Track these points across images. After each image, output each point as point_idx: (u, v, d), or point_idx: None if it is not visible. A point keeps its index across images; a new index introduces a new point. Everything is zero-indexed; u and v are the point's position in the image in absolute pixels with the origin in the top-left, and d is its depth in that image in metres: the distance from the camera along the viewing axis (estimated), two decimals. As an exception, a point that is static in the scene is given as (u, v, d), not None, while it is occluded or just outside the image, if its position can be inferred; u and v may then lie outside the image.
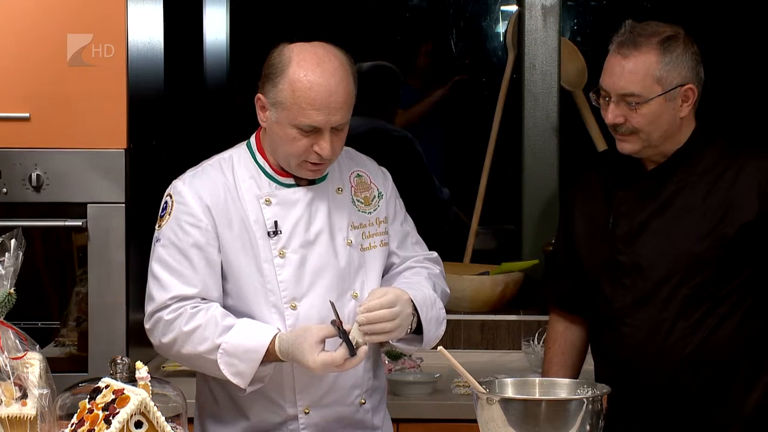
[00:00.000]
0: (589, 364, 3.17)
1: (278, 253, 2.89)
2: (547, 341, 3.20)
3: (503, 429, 2.45)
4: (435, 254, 3.11)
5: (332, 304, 2.74)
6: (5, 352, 2.73)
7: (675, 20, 3.01)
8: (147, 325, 2.93)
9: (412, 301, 2.83)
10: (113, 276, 3.62)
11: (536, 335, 4.00)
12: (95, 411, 2.41)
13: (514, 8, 4.93)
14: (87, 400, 2.47)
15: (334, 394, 2.91)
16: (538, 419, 2.44)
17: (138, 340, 3.77)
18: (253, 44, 5.22)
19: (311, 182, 2.93)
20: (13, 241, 2.75)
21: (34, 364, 2.76)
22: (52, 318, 3.76)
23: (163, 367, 3.91)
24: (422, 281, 2.96)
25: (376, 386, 3.00)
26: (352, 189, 2.98)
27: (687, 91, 2.92)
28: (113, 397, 2.42)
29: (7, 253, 2.74)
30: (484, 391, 2.52)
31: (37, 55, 3.60)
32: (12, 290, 2.75)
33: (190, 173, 2.98)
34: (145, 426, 2.41)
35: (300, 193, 2.91)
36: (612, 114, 2.93)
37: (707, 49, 3.11)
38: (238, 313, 2.89)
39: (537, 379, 2.67)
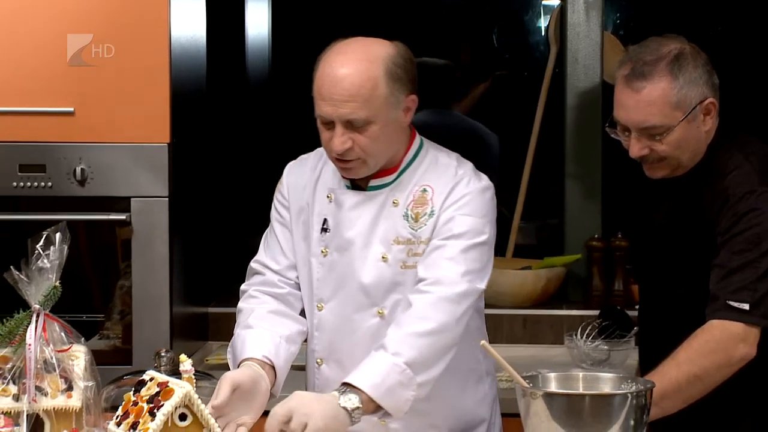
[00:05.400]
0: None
1: (322, 250, 2.88)
2: None
3: (547, 424, 2.43)
4: (440, 276, 2.77)
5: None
6: (51, 345, 2.75)
7: (718, 12, 2.94)
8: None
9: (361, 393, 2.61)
10: (157, 269, 3.64)
11: (579, 330, 3.98)
12: (140, 403, 2.42)
13: (556, 2, 4.91)
14: (132, 393, 2.48)
15: None
16: (581, 414, 2.42)
17: (182, 333, 3.80)
18: (295, 39, 5.23)
19: (371, 187, 2.85)
20: (58, 235, 2.77)
21: (79, 356, 2.78)
22: (96, 311, 3.78)
23: (207, 360, 3.93)
24: (379, 360, 2.66)
25: None
26: (411, 203, 2.83)
27: (707, 105, 2.85)
28: (158, 389, 2.43)
29: (52, 247, 2.76)
30: (528, 385, 2.51)
31: (82, 48, 3.63)
32: (57, 283, 2.76)
33: (302, 156, 3.00)
34: (189, 419, 2.42)
35: (348, 196, 2.86)
36: (636, 148, 2.84)
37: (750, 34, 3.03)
38: (301, 297, 2.93)
39: (581, 374, 2.65)
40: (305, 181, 2.92)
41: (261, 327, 2.83)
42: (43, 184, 3.65)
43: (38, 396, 2.73)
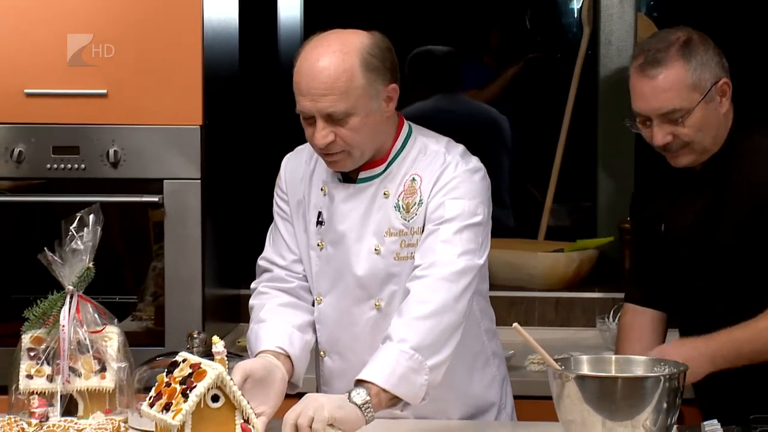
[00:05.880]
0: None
1: (318, 243, 2.87)
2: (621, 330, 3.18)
3: (579, 406, 2.43)
4: (435, 260, 2.73)
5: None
6: (84, 326, 2.76)
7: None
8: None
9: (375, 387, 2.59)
10: (189, 251, 3.65)
11: (611, 313, 3.97)
12: (173, 385, 2.43)
13: (589, -16, 4.88)
14: (164, 374, 2.48)
15: None
16: (614, 397, 2.42)
17: (214, 315, 3.81)
18: (327, 21, 5.21)
19: (361, 179, 2.83)
20: (91, 217, 2.78)
21: (112, 337, 2.79)
22: (129, 293, 3.80)
23: (239, 341, 3.94)
24: (386, 350, 2.65)
25: None
26: (402, 194, 2.81)
27: (722, 86, 2.88)
28: (190, 371, 2.43)
29: (85, 228, 2.78)
30: (560, 368, 2.50)
31: (116, 29, 3.64)
32: (91, 265, 2.78)
33: (297, 148, 2.98)
34: (222, 400, 2.42)
35: (340, 189, 2.84)
36: (660, 135, 2.86)
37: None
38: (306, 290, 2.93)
39: (613, 357, 2.65)
40: (301, 174, 2.92)
41: (272, 320, 2.85)
42: (76, 166, 3.66)
43: (72, 377, 2.75)
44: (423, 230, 2.78)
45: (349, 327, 2.85)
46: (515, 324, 2.55)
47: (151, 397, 2.47)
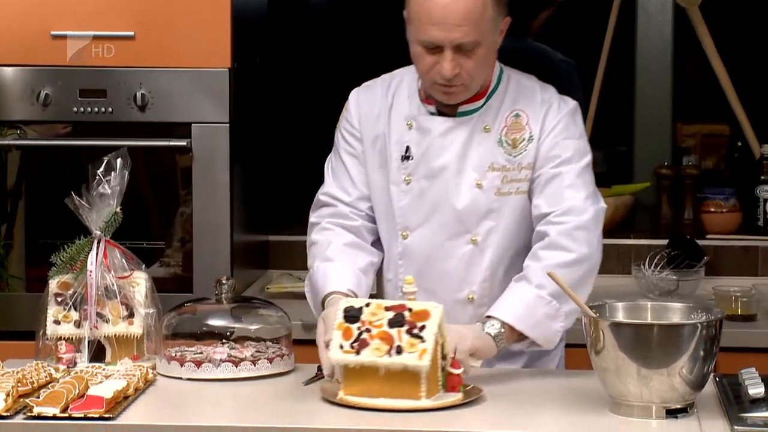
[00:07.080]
0: None
1: (404, 178, 2.85)
2: None
3: (613, 354, 2.40)
4: (571, 204, 2.79)
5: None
6: (112, 271, 2.76)
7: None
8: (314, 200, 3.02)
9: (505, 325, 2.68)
10: (218, 196, 3.62)
11: (647, 260, 3.93)
12: (375, 330, 2.47)
13: None
14: (343, 321, 2.50)
15: None
16: (649, 344, 2.38)
17: (242, 261, 3.78)
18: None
19: (461, 113, 2.84)
20: (119, 161, 2.77)
21: (140, 283, 2.79)
22: (157, 238, 3.78)
23: (267, 288, 3.92)
24: (522, 293, 2.73)
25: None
26: (504, 129, 2.83)
27: None
28: (394, 313, 2.48)
29: (113, 173, 2.77)
30: (595, 315, 2.47)
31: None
32: (118, 209, 2.77)
33: (365, 83, 2.98)
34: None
35: (437, 122, 2.84)
36: None
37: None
38: (373, 229, 2.93)
39: (648, 304, 2.61)
40: (378, 110, 2.90)
41: (340, 260, 2.84)
42: (103, 109, 3.63)
43: (99, 323, 2.75)
44: (533, 167, 2.81)
45: (442, 261, 2.86)
46: (550, 271, 2.55)
47: (341, 345, 2.47)
